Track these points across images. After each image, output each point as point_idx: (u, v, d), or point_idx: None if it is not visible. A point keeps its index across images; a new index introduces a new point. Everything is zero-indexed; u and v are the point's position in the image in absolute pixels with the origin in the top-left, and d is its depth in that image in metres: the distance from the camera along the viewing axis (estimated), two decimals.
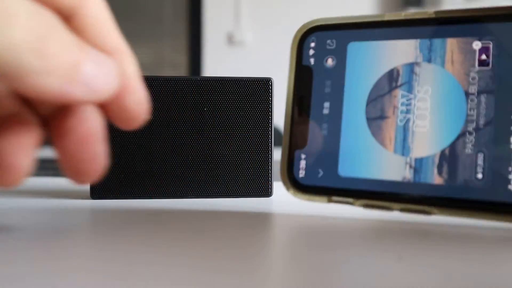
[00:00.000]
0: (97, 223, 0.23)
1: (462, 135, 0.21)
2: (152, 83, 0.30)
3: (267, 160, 0.31)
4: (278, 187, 0.37)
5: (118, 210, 0.26)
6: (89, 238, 0.20)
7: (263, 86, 0.31)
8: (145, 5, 2.35)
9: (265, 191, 0.31)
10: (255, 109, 0.31)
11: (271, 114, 0.31)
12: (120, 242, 0.18)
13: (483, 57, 0.21)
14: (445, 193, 0.21)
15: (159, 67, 2.32)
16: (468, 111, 0.21)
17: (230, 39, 2.08)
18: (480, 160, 0.20)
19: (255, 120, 0.31)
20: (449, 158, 0.21)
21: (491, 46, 0.21)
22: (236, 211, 0.26)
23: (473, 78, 0.21)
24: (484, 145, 0.20)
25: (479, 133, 0.21)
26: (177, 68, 2.31)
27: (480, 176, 0.20)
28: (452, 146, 0.21)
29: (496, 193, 0.20)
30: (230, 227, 0.21)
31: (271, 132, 0.31)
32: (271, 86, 0.31)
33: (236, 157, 0.30)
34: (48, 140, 0.18)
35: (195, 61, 2.20)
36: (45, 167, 0.60)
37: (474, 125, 0.21)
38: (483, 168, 0.20)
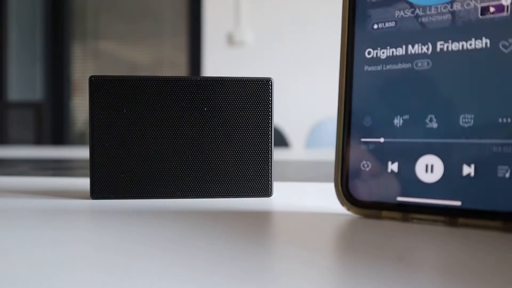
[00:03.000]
0: (97, 223, 0.23)
1: None
2: (152, 83, 0.30)
3: (267, 160, 0.31)
4: (278, 187, 0.37)
5: (118, 210, 0.26)
6: (89, 238, 0.20)
7: (263, 86, 0.31)
8: (145, 5, 2.35)
9: (265, 191, 0.31)
10: (255, 109, 0.31)
11: (271, 114, 0.31)
12: (120, 242, 0.18)
13: None
14: None
15: (159, 67, 2.33)
16: None
17: (230, 39, 2.08)
18: None
19: (255, 120, 0.31)
20: None
21: None
22: (236, 211, 0.26)
23: None
24: None
25: None
26: (177, 68, 2.31)
27: None
28: None
29: None
30: (230, 227, 0.21)
31: (271, 132, 0.31)
32: (271, 86, 0.31)
33: (236, 157, 0.30)
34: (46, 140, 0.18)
35: (195, 61, 2.20)
36: (45, 167, 0.60)
37: None
38: None
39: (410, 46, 0.23)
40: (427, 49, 0.22)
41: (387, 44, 0.23)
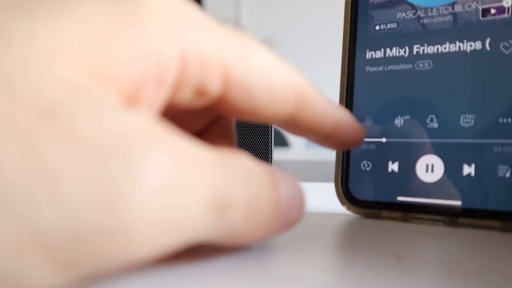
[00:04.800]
0: None
1: None
2: None
3: (267, 160, 0.31)
4: None
5: None
6: None
7: None
8: None
9: None
10: None
11: None
12: None
13: None
14: None
15: None
16: None
17: None
18: None
19: None
20: None
21: None
22: None
23: None
24: None
25: None
26: None
27: None
28: None
29: None
30: None
31: (271, 132, 0.31)
32: None
33: None
34: None
35: None
36: None
37: None
38: None
39: (411, 47, 0.23)
40: (429, 50, 0.22)
41: (388, 45, 0.23)
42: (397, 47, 0.23)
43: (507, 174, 0.20)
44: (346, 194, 0.24)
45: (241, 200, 0.12)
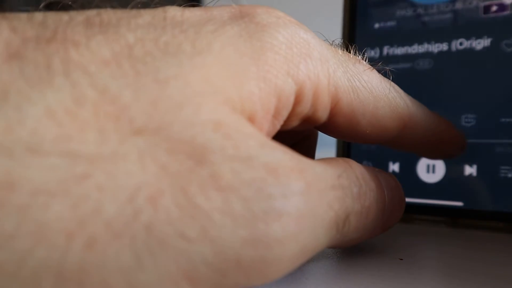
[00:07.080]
0: None
1: None
2: None
3: None
4: None
5: None
6: None
7: None
8: (144, 5, 2.35)
9: None
10: None
11: None
12: None
13: None
14: None
15: None
16: None
17: None
18: None
19: None
20: None
21: None
22: None
23: None
24: None
25: None
26: None
27: None
28: None
29: None
30: None
31: None
32: None
33: None
34: None
35: None
36: None
37: None
38: None
39: (411, 46, 0.22)
40: (429, 48, 0.22)
41: (388, 43, 0.23)
42: (397, 46, 0.23)
43: (509, 175, 0.20)
44: None
45: (357, 213, 0.12)
